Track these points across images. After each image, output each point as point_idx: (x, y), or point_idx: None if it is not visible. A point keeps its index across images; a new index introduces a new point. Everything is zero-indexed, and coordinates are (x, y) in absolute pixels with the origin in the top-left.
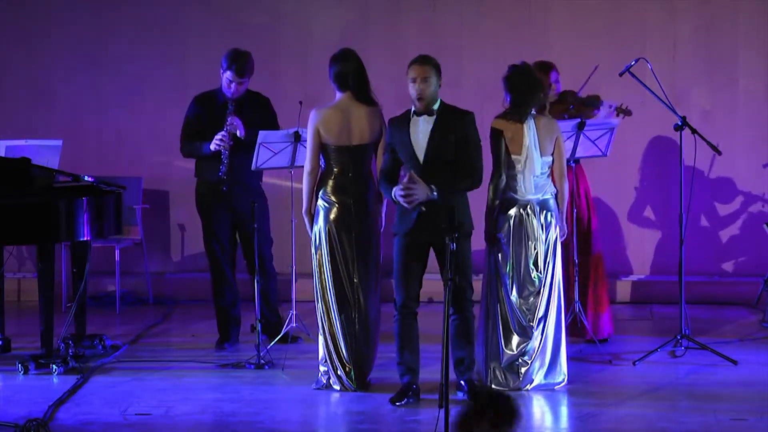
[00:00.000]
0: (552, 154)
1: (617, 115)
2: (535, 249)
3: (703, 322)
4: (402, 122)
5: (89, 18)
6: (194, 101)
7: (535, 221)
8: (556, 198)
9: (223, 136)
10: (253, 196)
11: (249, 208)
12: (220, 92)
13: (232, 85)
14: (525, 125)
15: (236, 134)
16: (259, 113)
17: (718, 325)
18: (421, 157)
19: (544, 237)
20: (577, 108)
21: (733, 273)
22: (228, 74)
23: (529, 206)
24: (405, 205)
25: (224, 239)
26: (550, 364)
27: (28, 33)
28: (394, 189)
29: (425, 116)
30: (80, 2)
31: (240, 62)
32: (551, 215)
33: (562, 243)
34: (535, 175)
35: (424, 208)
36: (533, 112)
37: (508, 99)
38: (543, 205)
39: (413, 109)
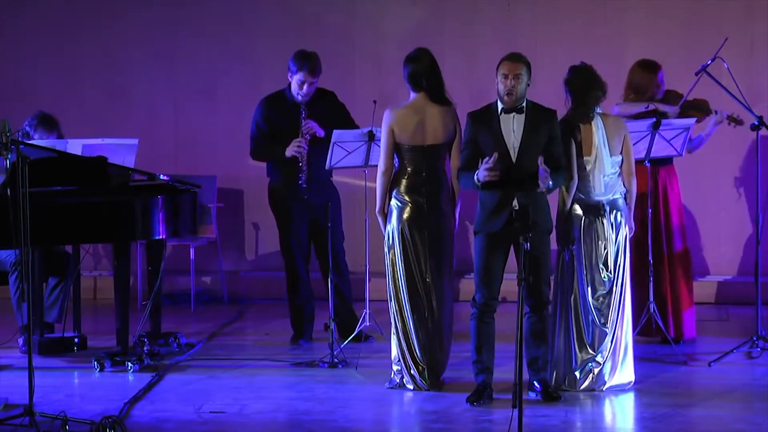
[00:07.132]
0: (621, 153)
1: (729, 124)
2: (605, 249)
3: None
4: (487, 118)
5: (164, 18)
6: (264, 104)
7: (605, 221)
8: (625, 197)
9: (301, 143)
10: (327, 193)
11: (324, 205)
12: (288, 92)
13: (305, 86)
14: (593, 125)
15: (314, 136)
16: (329, 108)
17: None
18: (513, 154)
19: (614, 237)
20: (685, 111)
21: None
22: (300, 75)
23: (599, 206)
24: (486, 176)
25: (302, 237)
26: (620, 365)
27: (104, 34)
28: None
29: (515, 113)
30: (156, 2)
31: (311, 61)
32: (621, 215)
33: (631, 240)
34: (605, 174)
35: (516, 206)
36: (599, 110)
37: (570, 100)
38: (613, 205)
39: (499, 105)
